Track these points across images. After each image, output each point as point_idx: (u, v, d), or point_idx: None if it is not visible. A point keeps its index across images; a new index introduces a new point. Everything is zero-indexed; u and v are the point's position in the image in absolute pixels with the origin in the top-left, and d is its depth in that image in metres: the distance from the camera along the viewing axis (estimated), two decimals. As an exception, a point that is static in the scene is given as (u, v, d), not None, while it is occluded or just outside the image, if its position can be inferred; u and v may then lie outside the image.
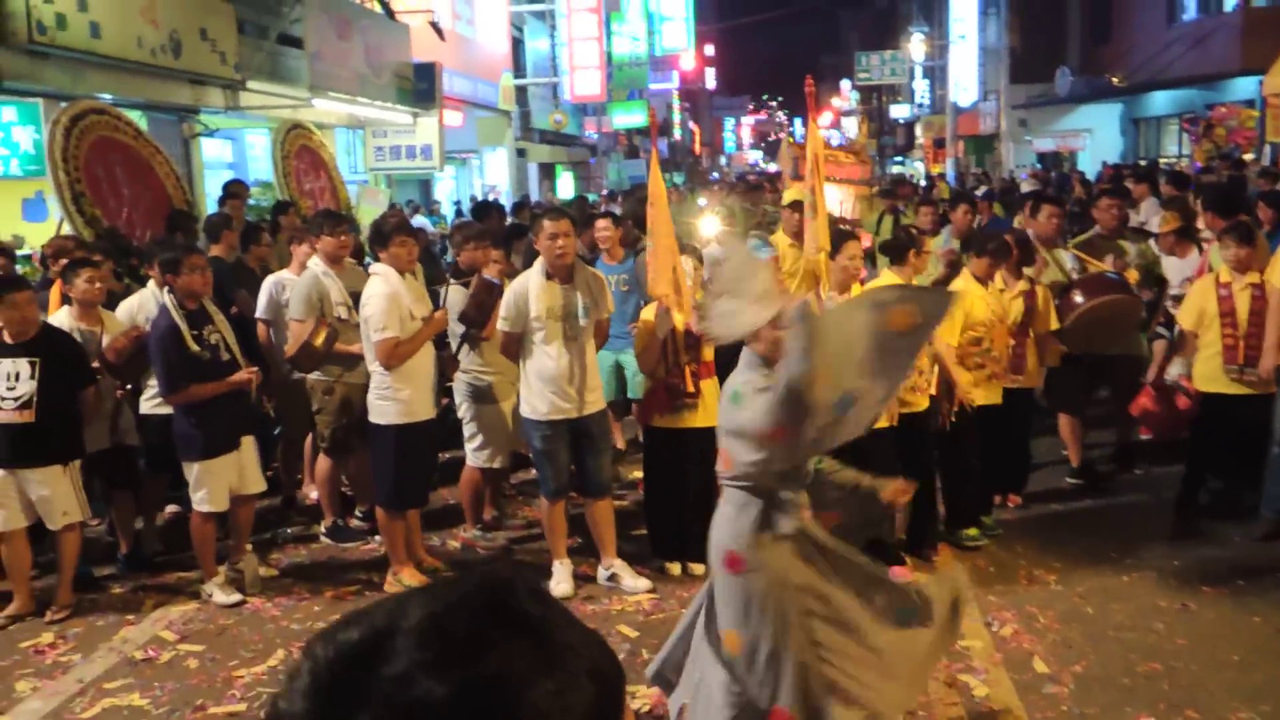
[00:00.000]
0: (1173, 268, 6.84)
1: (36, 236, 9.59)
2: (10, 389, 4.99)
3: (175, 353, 5.02)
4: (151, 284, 5.86)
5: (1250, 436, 5.48)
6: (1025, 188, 16.18)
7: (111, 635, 4.95)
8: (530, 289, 4.99)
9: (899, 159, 43.76)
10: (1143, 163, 21.44)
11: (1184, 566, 5.21)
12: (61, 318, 5.48)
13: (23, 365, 5.01)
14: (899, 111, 44.63)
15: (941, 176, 25.62)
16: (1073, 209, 11.10)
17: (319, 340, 5.48)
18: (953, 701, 3.98)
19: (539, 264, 5.05)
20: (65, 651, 4.78)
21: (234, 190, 8.91)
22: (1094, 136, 27.75)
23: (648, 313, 5.36)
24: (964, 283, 5.56)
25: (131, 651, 4.75)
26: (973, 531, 5.58)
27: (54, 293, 6.04)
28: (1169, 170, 14.59)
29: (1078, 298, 6.05)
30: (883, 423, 5.02)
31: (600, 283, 5.18)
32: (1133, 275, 6.41)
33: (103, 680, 4.48)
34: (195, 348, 5.05)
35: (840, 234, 5.43)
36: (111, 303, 5.97)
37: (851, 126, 51.35)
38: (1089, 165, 24.55)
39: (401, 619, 0.77)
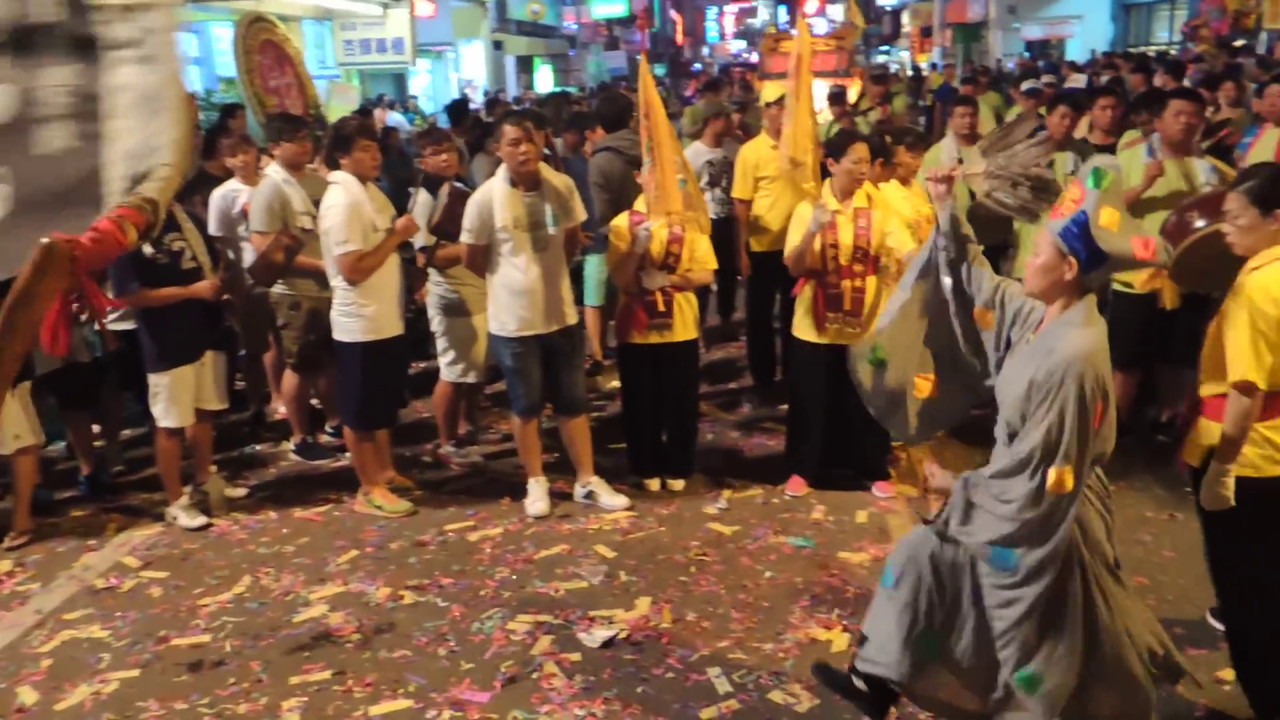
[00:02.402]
0: None
1: None
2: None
3: (126, 254, 4.76)
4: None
5: None
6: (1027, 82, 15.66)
7: (72, 562, 4.79)
8: (494, 198, 4.70)
9: (885, 48, 42.66)
10: (1132, 50, 20.89)
11: (1170, 475, 5.10)
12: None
13: (-39, 283, 4.73)
14: (886, -2, 43.28)
15: (934, 67, 24.92)
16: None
17: (278, 254, 5.20)
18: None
19: (502, 171, 4.75)
20: (23, 580, 4.63)
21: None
22: (1084, 24, 26.97)
23: (620, 221, 5.08)
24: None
25: (92, 579, 4.61)
26: None
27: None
28: (1164, 59, 14.14)
29: (1198, 221, 4.61)
30: None
31: (569, 189, 4.89)
32: None
33: (62, 610, 4.34)
34: (149, 250, 4.79)
35: (846, 134, 5.10)
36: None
37: (838, 13, 49.86)
38: (1078, 53, 23.90)
39: None
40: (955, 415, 3.41)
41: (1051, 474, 2.60)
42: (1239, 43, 15.88)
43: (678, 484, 5.28)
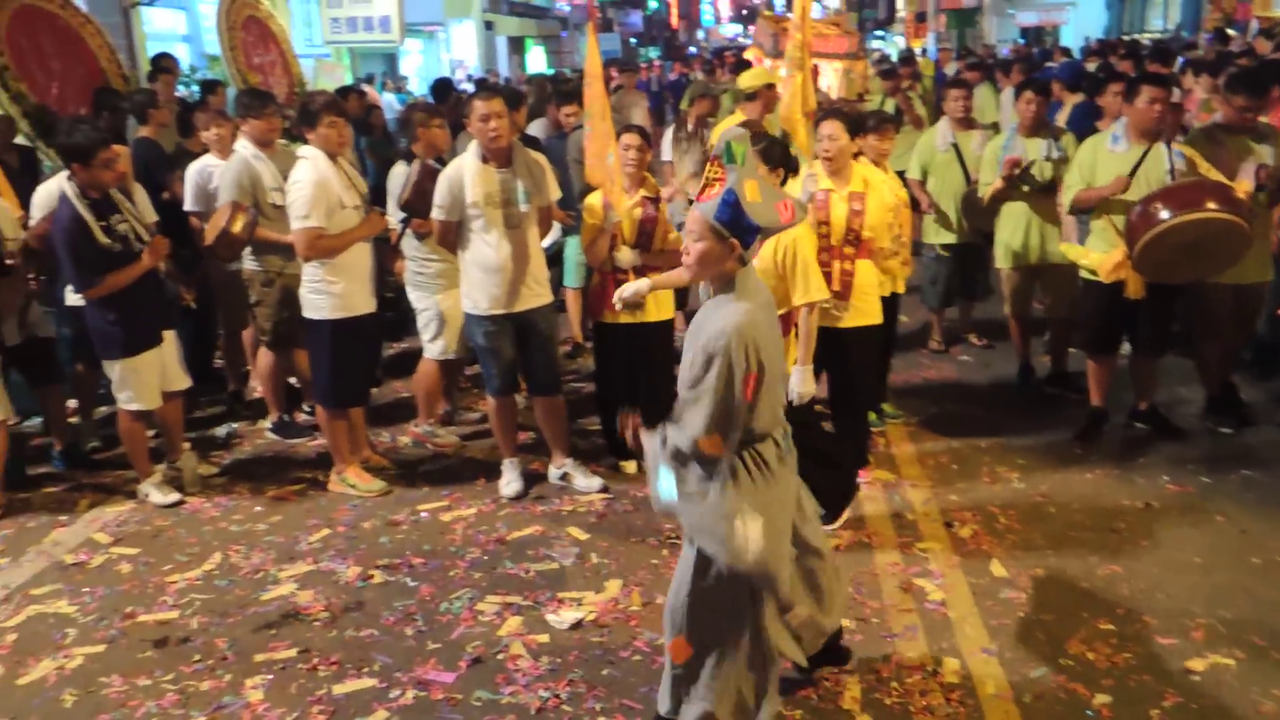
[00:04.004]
0: None
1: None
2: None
3: (86, 246, 4.66)
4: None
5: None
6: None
7: (42, 537, 4.76)
8: (465, 174, 4.64)
9: (879, 33, 42.48)
10: (1126, 37, 20.84)
11: (1149, 464, 5.10)
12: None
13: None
14: (882, -17, 43.07)
15: (924, 52, 24.81)
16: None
17: (237, 226, 5.14)
18: (907, 608, 3.87)
19: (474, 147, 4.70)
20: (-8, 556, 4.61)
21: (163, 65, 8.32)
22: (1077, 10, 26.90)
23: (594, 199, 5.02)
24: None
25: (62, 555, 4.57)
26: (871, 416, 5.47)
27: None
28: (1155, 45, 14.08)
29: (1163, 212, 4.63)
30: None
31: (542, 167, 4.84)
32: (1244, 186, 4.84)
33: (30, 586, 4.31)
34: (105, 240, 4.71)
35: (828, 112, 5.00)
36: (21, 188, 5.59)
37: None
38: (1072, 40, 23.83)
39: None
40: None
41: (703, 442, 2.75)
42: (1232, 34, 15.81)
43: (653, 466, 5.24)
